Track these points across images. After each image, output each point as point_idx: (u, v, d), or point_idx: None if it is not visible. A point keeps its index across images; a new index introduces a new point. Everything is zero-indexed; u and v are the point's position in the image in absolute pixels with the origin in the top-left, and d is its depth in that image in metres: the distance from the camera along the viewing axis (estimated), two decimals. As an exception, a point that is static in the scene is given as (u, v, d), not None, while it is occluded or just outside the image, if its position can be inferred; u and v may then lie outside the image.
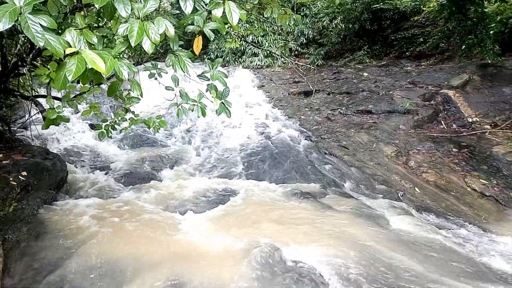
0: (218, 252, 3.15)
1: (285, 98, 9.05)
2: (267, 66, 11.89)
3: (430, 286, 2.92)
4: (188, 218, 3.84)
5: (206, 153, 6.15)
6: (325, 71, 10.62)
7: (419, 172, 5.44)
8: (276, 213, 4.04)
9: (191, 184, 4.81)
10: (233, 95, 8.85)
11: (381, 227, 3.91)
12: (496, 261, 3.46)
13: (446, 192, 5.01)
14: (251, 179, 5.20)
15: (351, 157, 5.83)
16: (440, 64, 8.93)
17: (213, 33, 2.70)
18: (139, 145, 6.50)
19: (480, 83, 7.23)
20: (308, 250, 3.23)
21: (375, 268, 3.07)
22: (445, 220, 4.35)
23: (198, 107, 3.06)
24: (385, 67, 9.62)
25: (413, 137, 6.30)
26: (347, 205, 4.40)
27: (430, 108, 7.03)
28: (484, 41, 7.27)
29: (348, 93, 8.48)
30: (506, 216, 4.50)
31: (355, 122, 7.08)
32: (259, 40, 11.76)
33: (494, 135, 6.05)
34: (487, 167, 5.35)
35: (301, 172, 5.40)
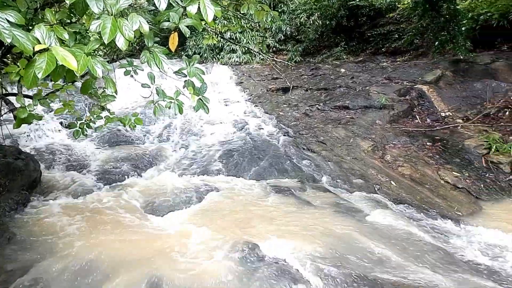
0: (196, 249, 3.15)
1: (264, 95, 9.08)
2: (246, 63, 11.86)
3: (405, 276, 2.99)
4: (166, 216, 3.82)
5: (184, 150, 6.12)
6: (303, 67, 10.69)
7: (395, 166, 5.55)
8: (255, 209, 4.06)
9: (169, 181, 4.78)
10: (212, 92, 8.84)
11: (358, 220, 3.98)
12: (468, 251, 3.57)
13: (420, 185, 5.13)
14: (230, 175, 5.21)
15: (329, 152, 5.90)
16: (414, 60, 9.12)
17: (189, 30, 2.68)
18: (116, 143, 6.41)
19: (452, 78, 7.42)
20: (287, 244, 3.27)
21: (352, 260, 3.13)
22: (420, 212, 4.46)
23: (175, 104, 3.03)
24: (361, 63, 9.76)
25: (389, 131, 6.43)
26: (325, 200, 4.47)
27: (405, 103, 7.17)
28: (456, 37, 7.45)
29: (325, 89, 8.56)
30: (477, 207, 4.65)
31: (333, 117, 7.17)
32: (237, 36, 11.71)
33: (466, 128, 6.23)
34: (459, 160, 5.51)
35: (279, 168, 5.43)
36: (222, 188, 4.65)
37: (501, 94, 6.74)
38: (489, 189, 5.01)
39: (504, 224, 4.17)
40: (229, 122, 7.33)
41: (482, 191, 4.99)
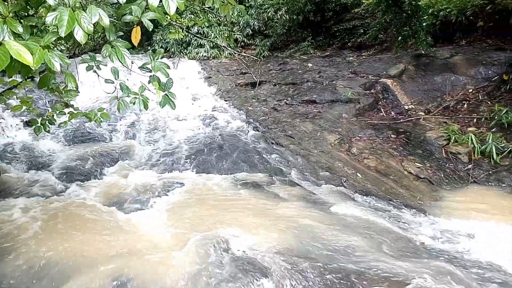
0: (164, 247, 3.12)
1: (233, 90, 9.05)
2: (214, 57, 11.78)
3: (370, 265, 3.08)
4: (132, 214, 3.76)
5: (152, 147, 6.02)
6: (271, 62, 10.74)
7: (360, 158, 5.69)
8: (224, 204, 4.06)
9: (136, 179, 4.70)
10: (179, 87, 8.73)
11: (325, 212, 4.06)
12: (430, 239, 3.72)
13: (385, 176, 5.29)
14: (199, 171, 5.18)
15: (297, 146, 5.97)
16: (379, 54, 9.35)
17: (152, 24, 2.64)
18: (80, 141, 6.23)
19: (414, 72, 7.66)
20: (255, 238, 3.29)
21: (319, 251, 3.20)
22: (384, 202, 4.60)
23: (140, 99, 2.98)
24: (328, 58, 9.90)
25: (355, 125, 6.57)
26: (293, 193, 4.53)
27: (370, 96, 7.35)
28: (418, 32, 7.70)
29: (293, 83, 8.64)
30: (438, 196, 4.85)
31: (301, 112, 7.25)
32: (205, 31, 11.61)
33: (428, 121, 6.46)
34: (421, 151, 5.72)
35: (249, 163, 5.45)
36: (191, 184, 4.62)
37: (459, 87, 7.03)
38: (449, 179, 5.24)
39: (462, 211, 4.37)
40: (198, 118, 7.27)
41: (443, 180, 5.21)
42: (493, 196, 4.76)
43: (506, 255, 3.47)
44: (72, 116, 3.60)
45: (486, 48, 7.58)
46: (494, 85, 6.78)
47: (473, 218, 4.18)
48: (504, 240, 3.73)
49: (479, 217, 4.20)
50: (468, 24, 8.02)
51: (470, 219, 4.18)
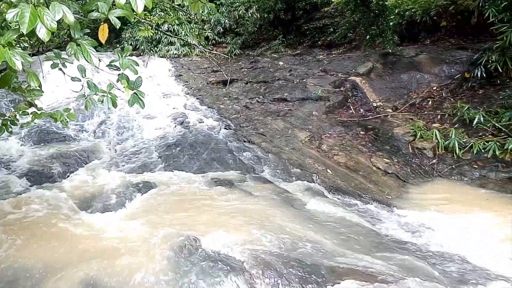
0: (134, 248, 3.08)
1: (204, 88, 9.02)
2: (185, 55, 11.68)
3: (340, 260, 3.16)
4: (102, 215, 3.70)
5: (121, 146, 5.91)
6: (242, 60, 10.76)
7: (331, 154, 5.80)
8: (195, 203, 4.05)
9: (105, 179, 4.61)
10: (150, 85, 8.61)
11: (296, 208, 4.12)
12: (396, 232, 3.85)
13: (355, 172, 5.41)
14: (170, 170, 5.13)
15: (269, 144, 6.01)
16: (348, 53, 9.53)
17: (120, 21, 2.59)
18: (47, 141, 6.03)
19: (382, 70, 7.86)
20: (226, 236, 3.30)
21: (290, 247, 3.25)
22: (354, 198, 4.71)
23: (108, 98, 2.92)
24: (299, 56, 10.01)
25: (325, 122, 6.68)
26: (265, 190, 4.56)
27: (340, 94, 7.49)
28: (385, 32, 7.90)
29: (265, 81, 8.69)
30: (405, 190, 5.01)
31: (272, 110, 7.30)
32: (175, 29, 11.48)
33: (395, 117, 6.65)
34: (389, 147, 5.89)
35: (221, 161, 5.45)
36: (162, 184, 4.57)
37: (424, 85, 7.27)
38: (415, 173, 5.42)
39: (427, 204, 4.54)
40: (169, 116, 7.19)
41: (409, 175, 5.38)
42: (456, 189, 4.97)
43: (467, 245, 3.64)
44: (35, 117, 3.48)
45: (449, 47, 7.87)
46: (456, 83, 7.05)
47: (437, 211, 4.35)
48: (465, 231, 3.90)
49: (442, 210, 4.37)
50: (432, 24, 8.30)
51: (434, 212, 4.34)
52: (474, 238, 3.81)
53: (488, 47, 6.49)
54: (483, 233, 3.90)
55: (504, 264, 3.39)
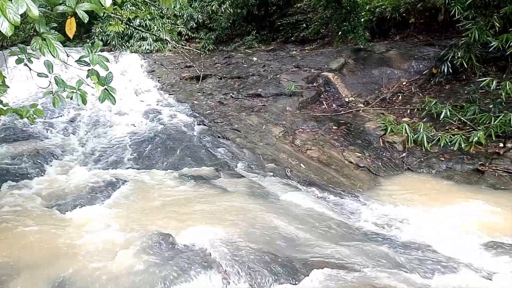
0: (107, 245, 3.05)
1: (177, 83, 8.93)
2: (157, 51, 11.50)
3: (313, 252, 3.22)
4: (72, 214, 3.62)
5: (92, 143, 5.79)
6: (216, 55, 10.70)
7: (304, 149, 5.87)
8: (169, 199, 4.03)
9: (75, 177, 4.52)
10: (121, 81, 8.47)
11: (270, 202, 4.16)
12: (367, 224, 3.95)
13: (327, 166, 5.50)
14: (143, 167, 5.07)
15: (243, 139, 6.03)
16: (321, 48, 9.65)
17: (88, 15, 2.54)
18: (13, 139, 5.83)
19: (354, 66, 8.00)
20: (200, 232, 3.30)
21: (264, 241, 3.28)
22: (327, 191, 4.79)
23: (78, 94, 2.86)
24: (272, 52, 10.05)
25: (298, 117, 6.75)
26: (240, 185, 4.58)
27: (313, 90, 7.57)
28: (356, 28, 8.03)
29: (239, 77, 8.69)
30: (376, 184, 5.14)
31: (246, 105, 7.32)
32: (147, 24, 11.30)
33: (366, 112, 6.80)
34: (361, 141, 6.01)
35: (194, 157, 5.43)
36: (134, 181, 4.52)
37: (394, 80, 7.45)
38: (386, 167, 5.56)
39: (397, 197, 4.68)
40: (141, 112, 7.10)
41: (380, 168, 5.52)
42: (424, 182, 5.13)
43: (435, 235, 3.77)
44: (0, 113, 3.37)
45: (417, 43, 8.09)
46: (424, 78, 7.27)
47: (406, 203, 4.48)
48: (433, 222, 4.04)
49: (411, 202, 4.51)
50: (401, 21, 8.50)
51: (404, 204, 4.47)
52: (442, 228, 3.95)
53: (454, 44, 6.70)
54: (450, 223, 4.05)
55: (469, 253, 3.53)
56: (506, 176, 4.95)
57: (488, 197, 4.64)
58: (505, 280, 3.05)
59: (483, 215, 4.26)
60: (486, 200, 4.57)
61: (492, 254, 3.51)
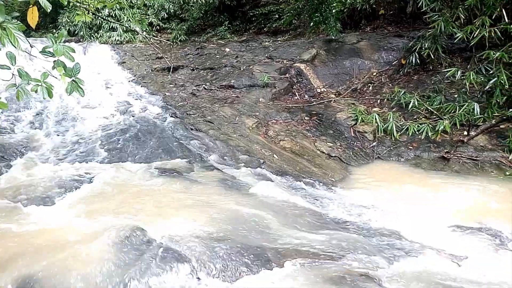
0: (77, 241, 2.99)
1: (149, 75, 8.78)
2: (128, 42, 11.25)
3: (285, 240, 3.26)
4: (41, 209, 3.53)
5: (61, 137, 5.63)
6: (188, 46, 10.57)
7: (277, 140, 5.92)
8: (140, 193, 3.99)
9: (44, 172, 4.39)
10: (90, 73, 8.25)
11: (243, 194, 4.18)
12: (338, 212, 4.03)
13: (300, 156, 5.57)
14: (114, 161, 4.98)
15: (216, 131, 6.01)
16: (293, 39, 9.68)
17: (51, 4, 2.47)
18: (-24, 134, 5.61)
19: (326, 57, 8.08)
20: (174, 225, 3.29)
21: (237, 232, 3.30)
22: (299, 181, 4.85)
23: (43, 87, 2.76)
24: (245, 43, 10.01)
25: (271, 108, 6.79)
26: (213, 177, 4.58)
27: (285, 81, 7.62)
28: (328, 19, 8.09)
29: (211, 68, 8.63)
30: (347, 173, 5.26)
31: (219, 97, 7.28)
32: (116, 14, 11.01)
33: (338, 103, 6.90)
34: (332, 132, 6.11)
35: (167, 150, 5.37)
36: (105, 175, 4.43)
37: (365, 71, 7.59)
38: (357, 156, 5.68)
39: (368, 185, 4.81)
40: (112, 105, 6.94)
41: (351, 157, 5.64)
42: (394, 170, 5.29)
43: (403, 221, 3.90)
44: (-39, 107, 3.23)
45: (387, 34, 8.25)
46: (394, 69, 7.43)
47: (376, 191, 4.62)
48: (402, 208, 4.18)
49: (381, 189, 4.64)
50: (371, 12, 8.64)
51: (374, 191, 4.60)
52: (410, 214, 4.09)
53: (421, 35, 6.87)
54: (418, 209, 4.20)
55: (435, 236, 3.67)
56: (469, 163, 5.16)
57: (453, 183, 4.84)
58: (471, 262, 3.20)
59: (449, 200, 4.44)
60: (451, 186, 4.77)
61: (458, 238, 3.67)
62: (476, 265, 3.14)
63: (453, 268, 3.12)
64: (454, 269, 3.10)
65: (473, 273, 2.97)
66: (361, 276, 2.86)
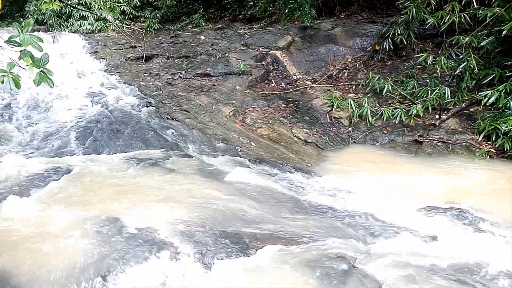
0: (51, 234, 2.94)
1: (123, 64, 8.60)
2: (100, 31, 10.98)
3: (262, 226, 3.29)
4: (13, 203, 3.43)
5: (32, 129, 5.47)
6: (163, 35, 10.42)
7: (254, 128, 5.93)
8: (116, 184, 3.94)
9: (15, 165, 4.25)
10: (62, 63, 8.04)
11: (221, 181, 4.19)
12: (315, 197, 4.08)
13: (277, 143, 5.61)
14: (88, 152, 4.89)
15: (193, 120, 5.97)
16: (269, 26, 9.65)
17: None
18: None
19: (301, 44, 8.11)
20: (150, 214, 3.27)
21: (215, 219, 3.31)
22: (276, 167, 4.89)
23: (10, 78, 2.68)
24: (220, 30, 9.92)
25: (248, 96, 6.78)
26: (190, 166, 4.56)
27: (262, 68, 7.61)
28: (303, 5, 8.08)
29: (187, 57, 8.53)
30: (323, 158, 5.33)
31: (195, 85, 7.22)
32: (87, 1, 10.70)
33: (314, 89, 6.95)
34: (309, 118, 6.17)
35: (143, 140, 5.31)
36: (80, 167, 4.35)
37: (340, 57, 7.66)
38: (333, 141, 5.77)
39: (344, 169, 4.90)
40: (85, 96, 6.79)
41: (327, 143, 5.71)
42: (369, 154, 5.39)
43: (378, 204, 3.99)
44: None
45: (361, 21, 8.32)
46: (368, 55, 7.53)
47: (352, 175, 4.70)
48: (377, 191, 4.28)
49: (357, 173, 4.74)
50: (346, -2, 8.69)
51: (349, 175, 4.69)
52: (385, 196, 4.19)
53: (394, 21, 6.97)
54: (392, 192, 4.30)
55: (410, 218, 3.77)
56: (441, 145, 5.31)
57: (426, 166, 4.97)
58: (441, 241, 3.31)
59: (422, 182, 4.56)
60: (424, 169, 4.90)
61: (430, 218, 3.78)
62: (446, 243, 3.26)
63: (424, 247, 3.23)
64: (425, 248, 3.21)
65: (443, 251, 3.08)
66: (337, 258, 2.92)
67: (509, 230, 3.46)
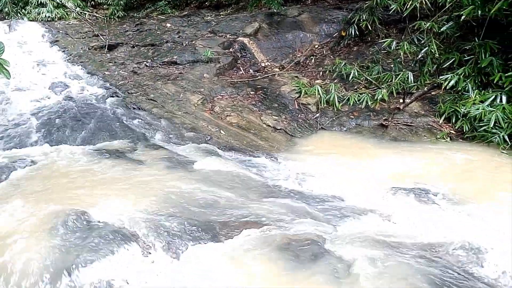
0: (13, 230, 2.84)
1: (86, 54, 8.32)
2: (60, 19, 10.54)
3: (233, 213, 3.30)
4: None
5: (-10, 123, 5.26)
6: (127, 22, 10.13)
7: (223, 116, 5.90)
8: (81, 176, 3.83)
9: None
10: (19, 53, 7.73)
11: (190, 170, 4.16)
12: (284, 182, 4.12)
13: (246, 131, 5.61)
14: (51, 144, 4.72)
15: (160, 109, 5.88)
16: (236, 13, 9.55)
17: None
18: None
19: (268, 30, 8.08)
20: (117, 207, 3.21)
21: (184, 208, 3.30)
22: (246, 154, 4.90)
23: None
24: (187, 17, 9.74)
25: (216, 84, 6.72)
26: (158, 156, 4.49)
27: (229, 55, 7.54)
28: (269, -8, 8.06)
29: (152, 45, 8.35)
30: (292, 144, 5.39)
31: (162, 74, 7.09)
32: (45, -13, 10.24)
33: (282, 76, 6.97)
34: (277, 105, 6.19)
35: (108, 131, 5.19)
36: (42, 160, 4.21)
37: (307, 44, 7.69)
38: (301, 127, 5.82)
39: (312, 154, 4.96)
40: (46, 87, 6.54)
41: (296, 129, 5.76)
42: (336, 139, 5.49)
43: (345, 187, 4.07)
44: None
45: (327, 7, 8.37)
46: (335, 41, 7.59)
47: (320, 159, 4.78)
48: (344, 174, 4.37)
49: (324, 158, 4.82)
50: (312, -16, 8.69)
51: (318, 160, 4.76)
52: (351, 179, 4.29)
53: (359, 7, 7.05)
54: (359, 175, 4.41)
55: (376, 200, 3.88)
56: (405, 128, 5.47)
57: (391, 149, 5.12)
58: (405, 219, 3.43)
59: (387, 165, 4.70)
60: (389, 152, 5.04)
61: (395, 199, 3.91)
62: (411, 222, 3.39)
63: (390, 226, 3.35)
64: (391, 227, 3.33)
65: (407, 229, 3.20)
66: (307, 240, 2.98)
67: (469, 205, 3.63)
